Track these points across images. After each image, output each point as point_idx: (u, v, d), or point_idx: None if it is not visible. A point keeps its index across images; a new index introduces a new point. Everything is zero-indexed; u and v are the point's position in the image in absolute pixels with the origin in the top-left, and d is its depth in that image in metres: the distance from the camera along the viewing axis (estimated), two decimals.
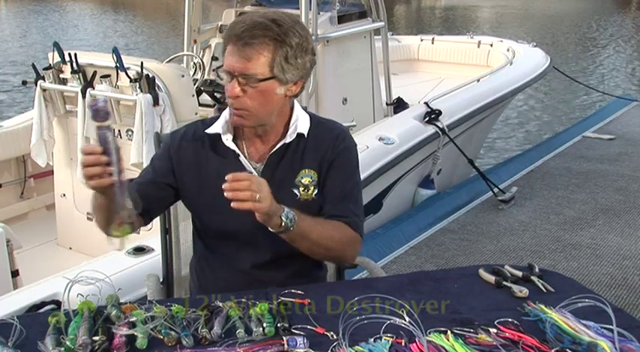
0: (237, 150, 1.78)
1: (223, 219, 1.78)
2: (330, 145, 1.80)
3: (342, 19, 4.45)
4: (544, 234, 4.39)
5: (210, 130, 1.80)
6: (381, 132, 4.36)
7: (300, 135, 1.78)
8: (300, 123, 1.79)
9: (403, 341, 1.40)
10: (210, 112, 4.09)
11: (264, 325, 1.46)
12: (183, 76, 3.55)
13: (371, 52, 4.71)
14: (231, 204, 1.52)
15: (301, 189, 1.78)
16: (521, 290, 1.67)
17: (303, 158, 1.79)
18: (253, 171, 1.78)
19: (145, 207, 1.71)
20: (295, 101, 1.83)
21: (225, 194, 1.51)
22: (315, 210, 1.79)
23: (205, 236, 1.91)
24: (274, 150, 1.78)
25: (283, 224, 1.61)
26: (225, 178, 1.52)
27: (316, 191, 1.80)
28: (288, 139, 1.77)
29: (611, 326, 1.37)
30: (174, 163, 1.82)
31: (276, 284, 1.70)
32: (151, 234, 3.19)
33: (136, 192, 1.64)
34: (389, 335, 1.42)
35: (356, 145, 1.90)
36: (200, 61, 4.35)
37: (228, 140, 1.78)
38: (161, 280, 2.14)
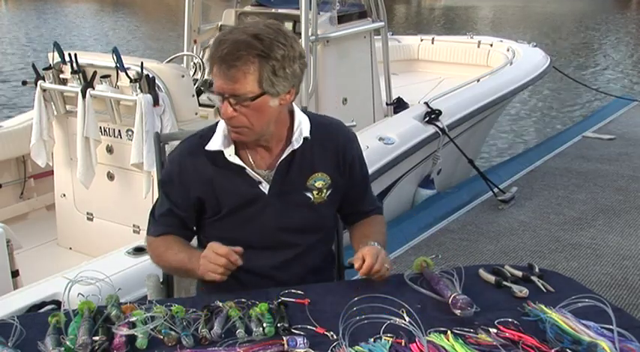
0: (242, 164, 1.78)
1: (240, 231, 1.82)
2: (337, 145, 1.85)
3: (342, 19, 4.45)
4: (544, 234, 4.39)
5: (211, 147, 1.78)
6: (381, 132, 4.36)
7: (304, 139, 1.79)
8: (304, 127, 1.80)
9: (403, 341, 1.40)
10: (210, 112, 4.09)
11: (264, 325, 1.46)
12: (183, 76, 3.55)
13: (371, 52, 4.71)
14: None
15: (315, 192, 1.82)
16: (521, 290, 1.67)
17: (313, 161, 1.82)
18: (262, 180, 1.79)
19: (187, 239, 1.89)
20: (293, 103, 1.82)
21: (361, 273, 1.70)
22: (328, 209, 1.88)
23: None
24: (283, 157, 1.79)
25: None
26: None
27: (329, 192, 1.84)
28: (296, 145, 1.78)
29: (611, 326, 1.37)
30: (182, 186, 1.82)
31: (295, 282, 1.74)
32: None
33: (173, 232, 1.85)
34: (389, 335, 1.42)
35: (353, 131, 1.97)
36: (200, 61, 4.34)
37: (231, 156, 1.78)
38: (161, 280, 2.14)
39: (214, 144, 1.79)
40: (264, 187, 1.80)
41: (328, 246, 2.00)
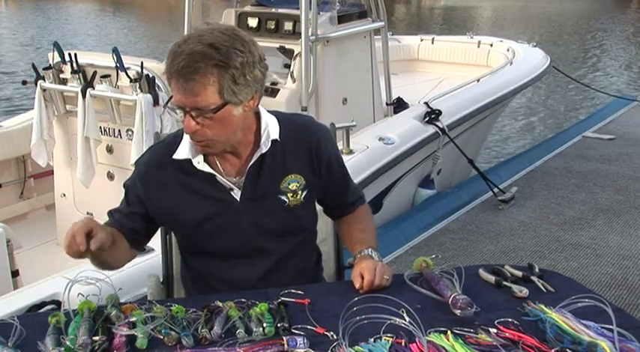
0: (212, 171, 1.73)
1: (216, 240, 1.78)
2: (309, 145, 1.79)
3: (342, 19, 4.44)
4: (544, 234, 4.39)
5: (179, 156, 1.73)
6: (381, 132, 4.36)
7: (274, 141, 1.74)
8: (271, 129, 1.74)
9: (403, 341, 1.40)
10: None
11: (264, 325, 1.46)
12: None
13: (371, 52, 4.71)
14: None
15: (289, 195, 1.77)
16: (521, 290, 1.67)
17: (286, 163, 1.76)
18: (233, 187, 1.74)
19: (130, 239, 1.80)
20: (259, 106, 1.74)
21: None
22: (305, 210, 1.83)
23: (198, 257, 1.86)
24: (252, 162, 1.73)
25: None
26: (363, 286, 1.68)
27: (305, 193, 1.79)
28: (264, 149, 1.72)
29: (611, 326, 1.37)
30: (143, 194, 1.78)
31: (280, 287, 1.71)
32: None
33: (118, 226, 1.77)
34: (389, 335, 1.42)
35: (325, 127, 1.92)
36: None
37: (200, 163, 1.72)
38: (161, 280, 2.14)
39: (182, 152, 1.73)
40: (236, 194, 1.74)
41: (311, 245, 1.95)
